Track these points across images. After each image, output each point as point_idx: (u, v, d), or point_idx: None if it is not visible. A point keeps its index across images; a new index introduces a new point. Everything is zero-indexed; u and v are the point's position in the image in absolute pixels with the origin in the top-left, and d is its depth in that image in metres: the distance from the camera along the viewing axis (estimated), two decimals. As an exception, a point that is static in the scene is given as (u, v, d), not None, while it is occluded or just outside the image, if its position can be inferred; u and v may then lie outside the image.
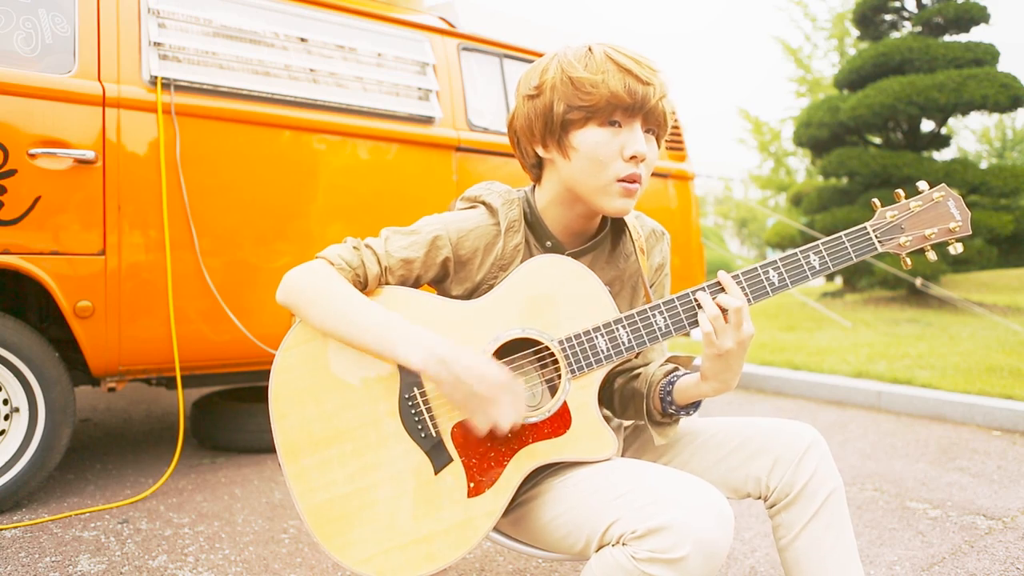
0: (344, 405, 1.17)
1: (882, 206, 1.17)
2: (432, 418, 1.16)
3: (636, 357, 1.35)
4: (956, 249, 1.16)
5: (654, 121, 1.18)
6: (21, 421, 2.34)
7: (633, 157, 1.15)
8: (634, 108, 1.14)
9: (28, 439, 2.33)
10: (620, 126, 1.15)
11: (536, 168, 1.28)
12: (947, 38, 10.50)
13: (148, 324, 2.48)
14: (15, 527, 2.19)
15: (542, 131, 1.19)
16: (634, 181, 1.17)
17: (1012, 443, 3.35)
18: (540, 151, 1.23)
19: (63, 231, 2.32)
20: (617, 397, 1.36)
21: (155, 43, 2.52)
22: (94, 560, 1.98)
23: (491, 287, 1.24)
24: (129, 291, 2.44)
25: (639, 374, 1.33)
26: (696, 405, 1.24)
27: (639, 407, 1.29)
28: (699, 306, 1.15)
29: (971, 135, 24.43)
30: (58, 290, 2.30)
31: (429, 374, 1.09)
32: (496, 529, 1.33)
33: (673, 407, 1.24)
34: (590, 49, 1.16)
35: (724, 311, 1.12)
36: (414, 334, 1.11)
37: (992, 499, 2.55)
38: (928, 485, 2.72)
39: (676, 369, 1.28)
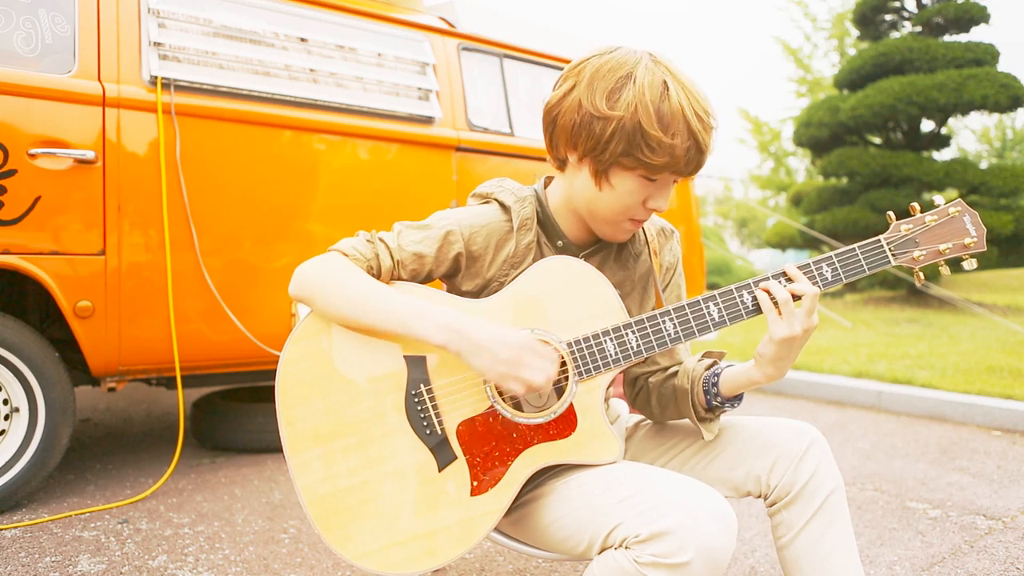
0: (350, 399, 1.17)
1: (895, 216, 1.18)
2: (438, 415, 1.16)
3: (644, 362, 1.35)
4: (971, 265, 1.15)
5: (689, 175, 1.18)
6: (21, 421, 2.34)
7: (653, 210, 1.19)
8: (683, 174, 1.15)
9: (28, 439, 2.33)
10: (656, 181, 1.16)
11: (560, 162, 1.25)
12: (947, 38, 10.50)
13: (148, 324, 2.48)
14: (15, 527, 2.19)
15: (586, 151, 1.15)
16: (643, 221, 1.21)
17: (1012, 443, 3.35)
18: (572, 158, 1.19)
19: (63, 231, 2.32)
20: (655, 397, 1.35)
21: (155, 43, 2.52)
22: (94, 560, 1.98)
23: (502, 285, 1.25)
24: (129, 291, 2.43)
25: (676, 371, 1.32)
26: (740, 397, 1.25)
27: (682, 404, 1.29)
28: (766, 292, 1.15)
29: (971, 135, 24.43)
30: (58, 290, 2.30)
31: (451, 348, 1.10)
32: (497, 529, 1.33)
33: (719, 399, 1.24)
34: (666, 88, 1.10)
35: (797, 297, 1.13)
36: (432, 312, 1.12)
37: (992, 499, 2.55)
38: (928, 485, 2.72)
39: (716, 363, 1.29)
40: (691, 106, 1.10)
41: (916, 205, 1.18)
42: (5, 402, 2.32)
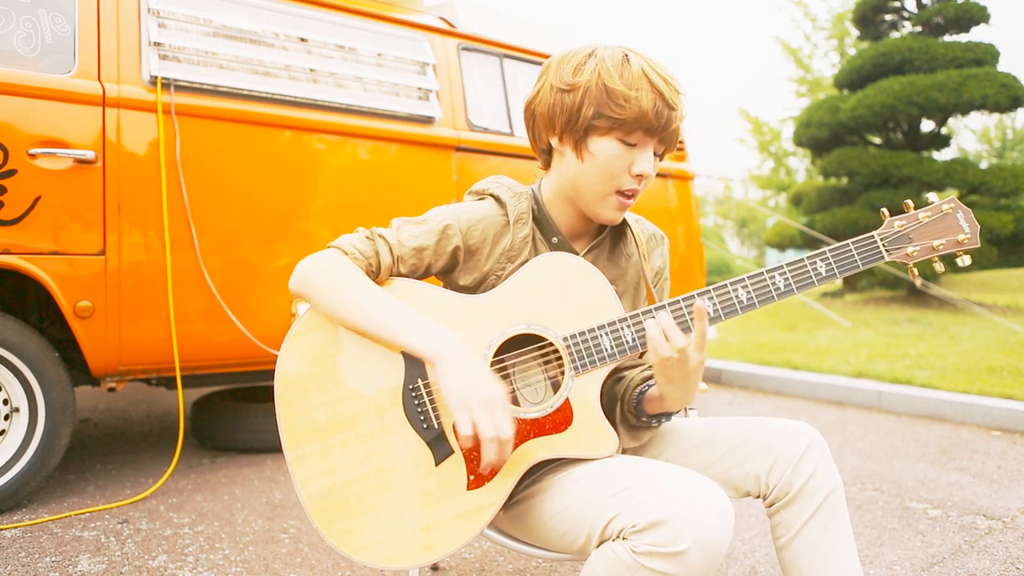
0: (348, 393, 1.18)
1: (889, 212, 1.18)
2: (435, 409, 1.17)
3: (640, 356, 1.36)
4: (964, 261, 1.17)
5: (667, 142, 1.22)
6: (21, 421, 2.34)
7: (639, 176, 1.20)
8: (656, 130, 1.17)
9: (28, 439, 2.33)
10: (635, 145, 1.18)
11: (546, 154, 1.30)
12: (947, 38, 10.50)
13: (148, 324, 2.48)
14: (15, 527, 2.19)
15: (563, 126, 1.21)
16: (632, 196, 1.22)
17: (1012, 443, 3.35)
18: (554, 142, 1.24)
19: (63, 231, 2.32)
20: (605, 398, 1.35)
21: (155, 43, 2.52)
22: (94, 560, 1.98)
23: (499, 278, 1.26)
24: (129, 291, 2.43)
25: (622, 377, 1.34)
26: (668, 415, 1.25)
27: (610, 408, 1.30)
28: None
29: (971, 135, 24.42)
30: (58, 290, 2.30)
31: (436, 364, 1.10)
32: (496, 527, 1.33)
33: (645, 416, 1.26)
34: (627, 58, 1.17)
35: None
36: (427, 324, 1.13)
37: (992, 499, 2.55)
38: (928, 485, 2.72)
39: (652, 376, 1.28)
40: (653, 70, 1.17)
41: (910, 202, 1.19)
42: (5, 402, 2.33)
